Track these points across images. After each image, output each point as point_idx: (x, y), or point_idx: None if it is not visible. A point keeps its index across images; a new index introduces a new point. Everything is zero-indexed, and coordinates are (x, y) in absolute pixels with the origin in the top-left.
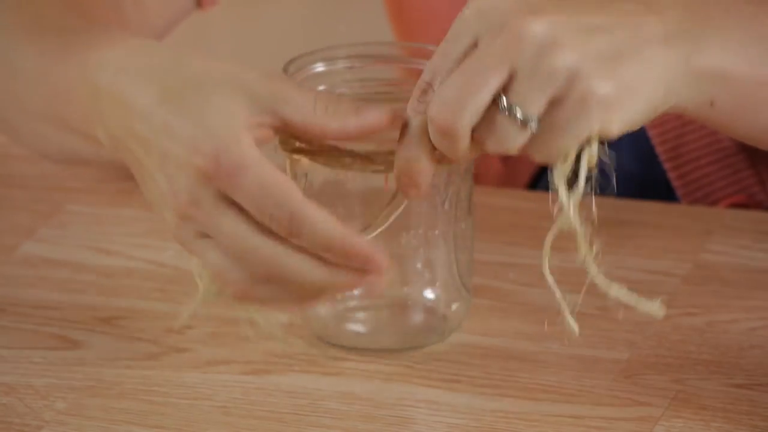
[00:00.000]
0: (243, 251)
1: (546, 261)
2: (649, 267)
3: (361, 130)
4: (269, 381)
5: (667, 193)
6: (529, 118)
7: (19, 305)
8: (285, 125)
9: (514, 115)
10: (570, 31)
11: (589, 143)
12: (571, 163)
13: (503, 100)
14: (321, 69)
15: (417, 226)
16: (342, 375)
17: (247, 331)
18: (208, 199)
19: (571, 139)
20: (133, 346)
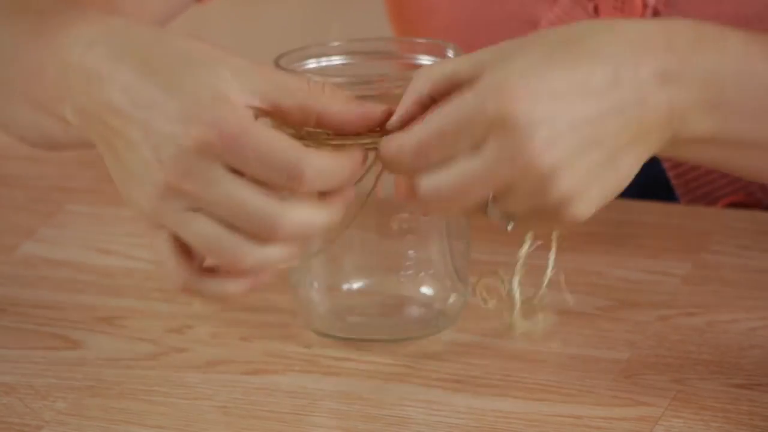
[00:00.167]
0: (244, 214)
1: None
2: (649, 267)
3: (361, 119)
4: (269, 381)
5: (667, 193)
6: (509, 221)
7: (19, 305)
8: (275, 109)
9: (496, 214)
10: (569, 154)
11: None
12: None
13: (490, 204)
14: (312, 65)
15: (407, 210)
16: (342, 375)
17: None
18: (202, 167)
19: (540, 230)
20: (133, 346)
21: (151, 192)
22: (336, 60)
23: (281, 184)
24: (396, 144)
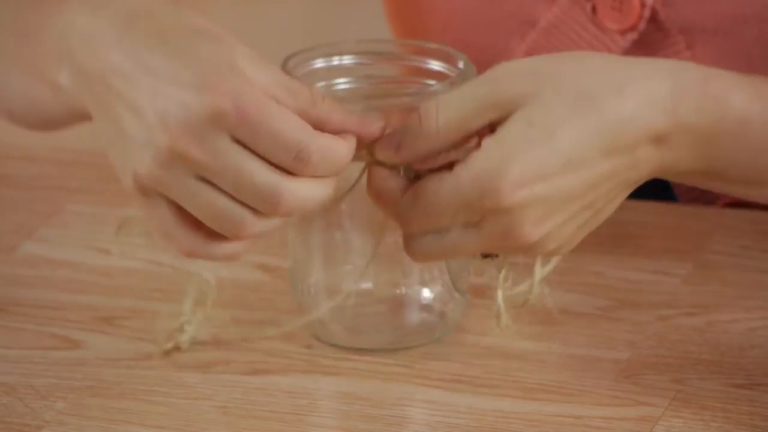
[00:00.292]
0: (250, 186)
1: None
2: (649, 267)
3: (358, 131)
4: (269, 381)
5: (667, 193)
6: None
7: (19, 305)
8: None
9: (478, 262)
10: (560, 224)
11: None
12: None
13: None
14: (321, 65)
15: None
16: (342, 375)
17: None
18: (210, 136)
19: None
20: (133, 346)
21: (152, 158)
22: (345, 60)
23: (286, 164)
24: (390, 212)
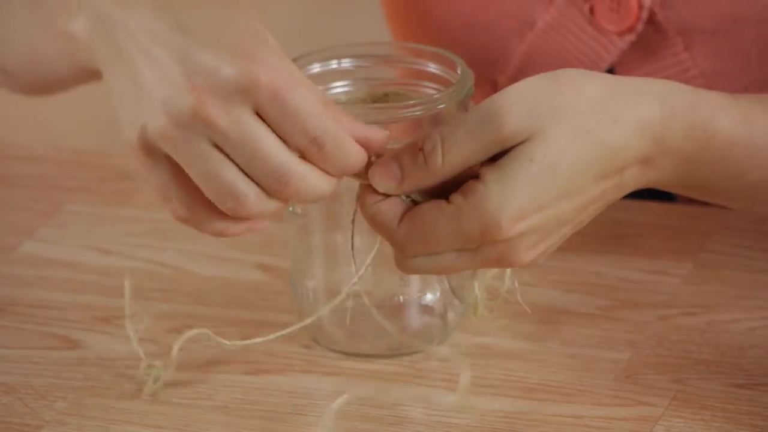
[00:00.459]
0: (265, 165)
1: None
2: (649, 267)
3: (363, 141)
4: (269, 381)
5: (667, 193)
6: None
7: (19, 305)
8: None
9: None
10: (550, 245)
11: None
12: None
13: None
14: (318, 69)
15: None
16: (342, 375)
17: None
18: (236, 104)
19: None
20: (133, 346)
21: (170, 117)
22: (344, 63)
23: (301, 145)
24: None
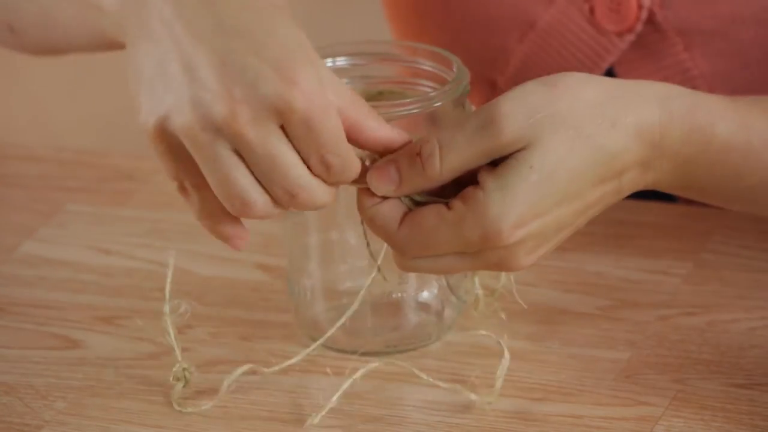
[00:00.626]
0: (282, 179)
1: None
2: (649, 267)
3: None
4: (269, 381)
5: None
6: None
7: (19, 305)
8: None
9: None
10: (549, 249)
11: None
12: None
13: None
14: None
15: None
16: (342, 375)
17: None
18: (267, 120)
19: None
20: (133, 346)
21: (198, 118)
22: (340, 61)
23: (312, 164)
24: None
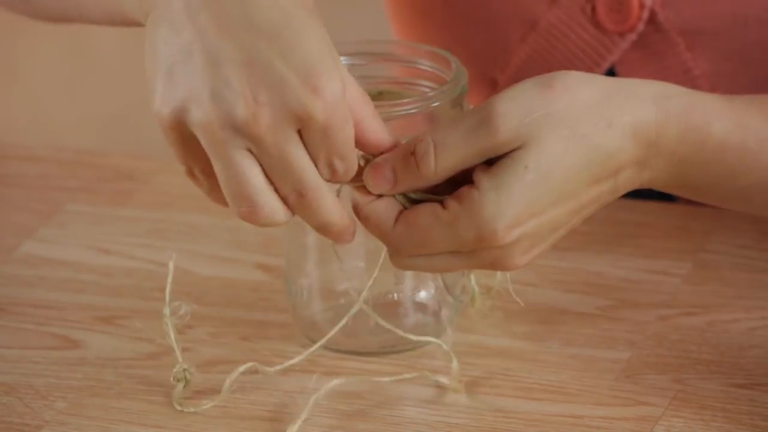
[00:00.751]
0: (296, 184)
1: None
2: (649, 267)
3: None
4: (269, 381)
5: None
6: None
7: (19, 305)
8: None
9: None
10: (544, 249)
11: None
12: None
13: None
14: None
15: None
16: (342, 375)
17: None
18: (286, 125)
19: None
20: (133, 346)
21: (217, 115)
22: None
23: (320, 166)
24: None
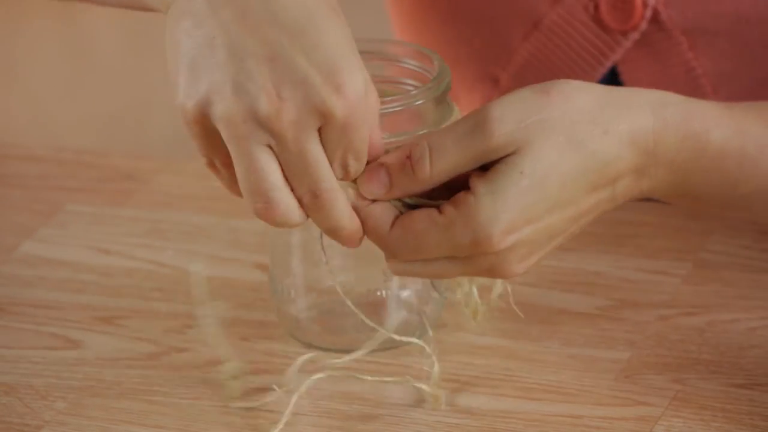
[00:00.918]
0: (313, 184)
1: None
2: (649, 267)
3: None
4: (269, 381)
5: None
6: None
7: (19, 305)
8: None
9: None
10: (541, 257)
11: None
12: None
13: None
14: None
15: None
16: (341, 374)
17: None
18: (309, 124)
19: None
20: (133, 346)
21: (242, 110)
22: None
23: (333, 166)
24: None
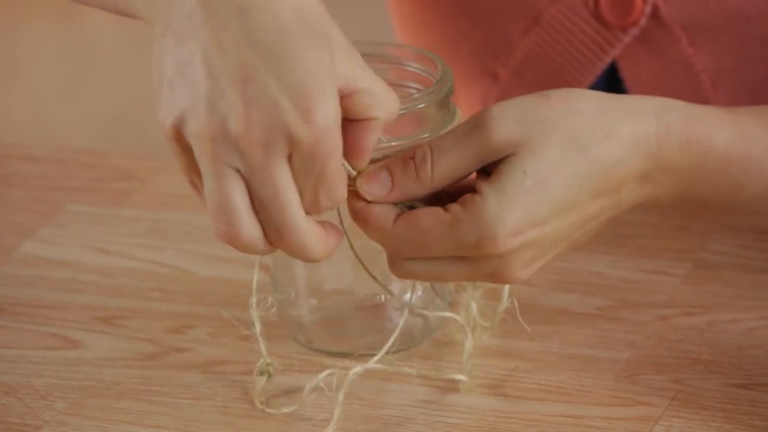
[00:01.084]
0: (279, 213)
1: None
2: (648, 267)
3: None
4: (269, 381)
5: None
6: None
7: (19, 305)
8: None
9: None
10: (545, 263)
11: None
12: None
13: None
14: None
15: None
16: (342, 375)
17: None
18: (277, 149)
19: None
20: (133, 346)
21: (213, 127)
22: None
23: (305, 202)
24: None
